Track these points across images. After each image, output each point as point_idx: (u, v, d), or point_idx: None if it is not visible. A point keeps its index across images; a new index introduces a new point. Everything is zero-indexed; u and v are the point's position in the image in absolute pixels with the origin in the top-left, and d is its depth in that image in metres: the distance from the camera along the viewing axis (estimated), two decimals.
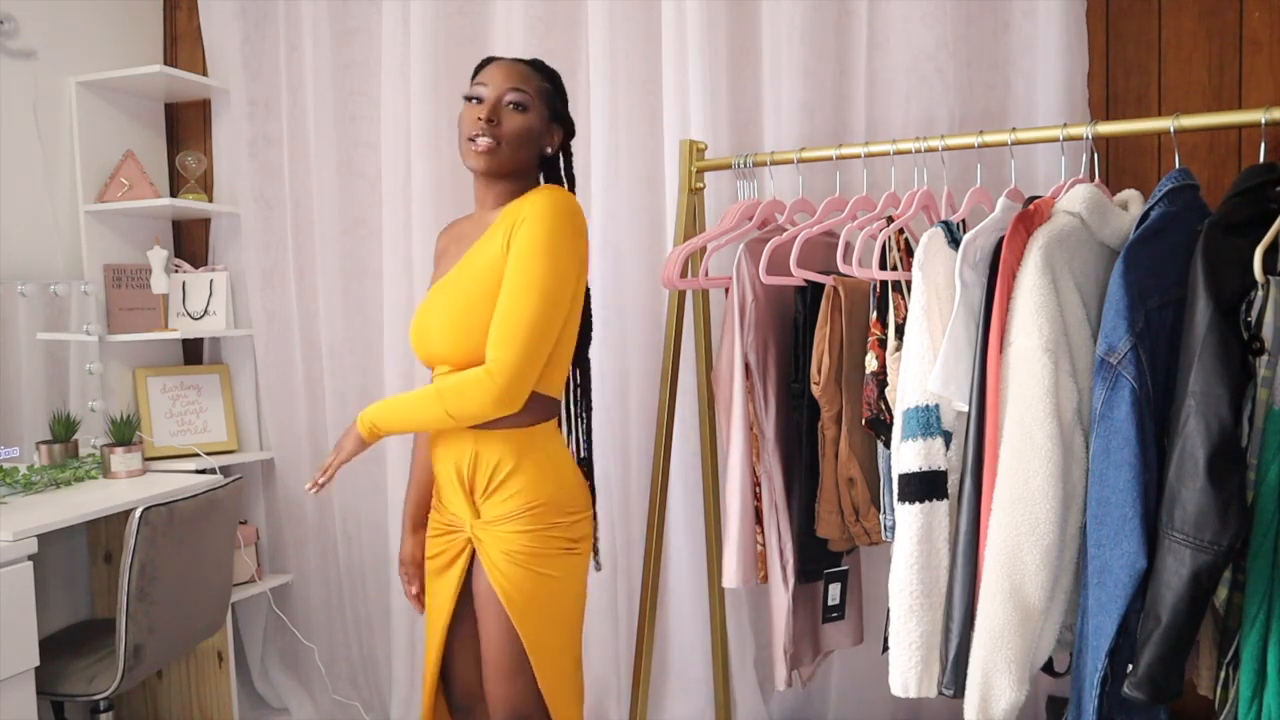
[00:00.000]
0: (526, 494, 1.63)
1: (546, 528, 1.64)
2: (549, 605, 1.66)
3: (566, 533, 1.67)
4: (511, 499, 1.63)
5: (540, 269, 1.55)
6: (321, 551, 3.00)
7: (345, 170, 2.87)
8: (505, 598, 1.62)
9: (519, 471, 1.63)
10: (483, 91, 1.66)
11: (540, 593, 1.64)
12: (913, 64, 2.32)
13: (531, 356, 1.55)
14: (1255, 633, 1.40)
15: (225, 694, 2.66)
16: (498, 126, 1.63)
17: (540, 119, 1.69)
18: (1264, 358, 1.40)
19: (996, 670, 1.52)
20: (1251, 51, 2.15)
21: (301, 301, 2.95)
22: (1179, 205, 1.54)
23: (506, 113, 1.65)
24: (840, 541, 1.96)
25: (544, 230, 1.56)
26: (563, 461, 1.71)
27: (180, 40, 3.11)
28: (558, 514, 1.66)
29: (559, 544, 1.66)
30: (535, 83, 1.69)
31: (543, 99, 1.70)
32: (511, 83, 1.66)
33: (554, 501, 1.65)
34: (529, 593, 1.63)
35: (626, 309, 2.57)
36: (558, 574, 1.66)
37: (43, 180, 2.72)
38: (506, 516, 1.63)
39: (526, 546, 1.63)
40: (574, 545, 1.69)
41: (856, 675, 2.48)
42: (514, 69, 1.69)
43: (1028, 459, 1.50)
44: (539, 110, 1.68)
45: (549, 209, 1.57)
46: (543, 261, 1.55)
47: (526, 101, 1.66)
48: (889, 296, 1.83)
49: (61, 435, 2.58)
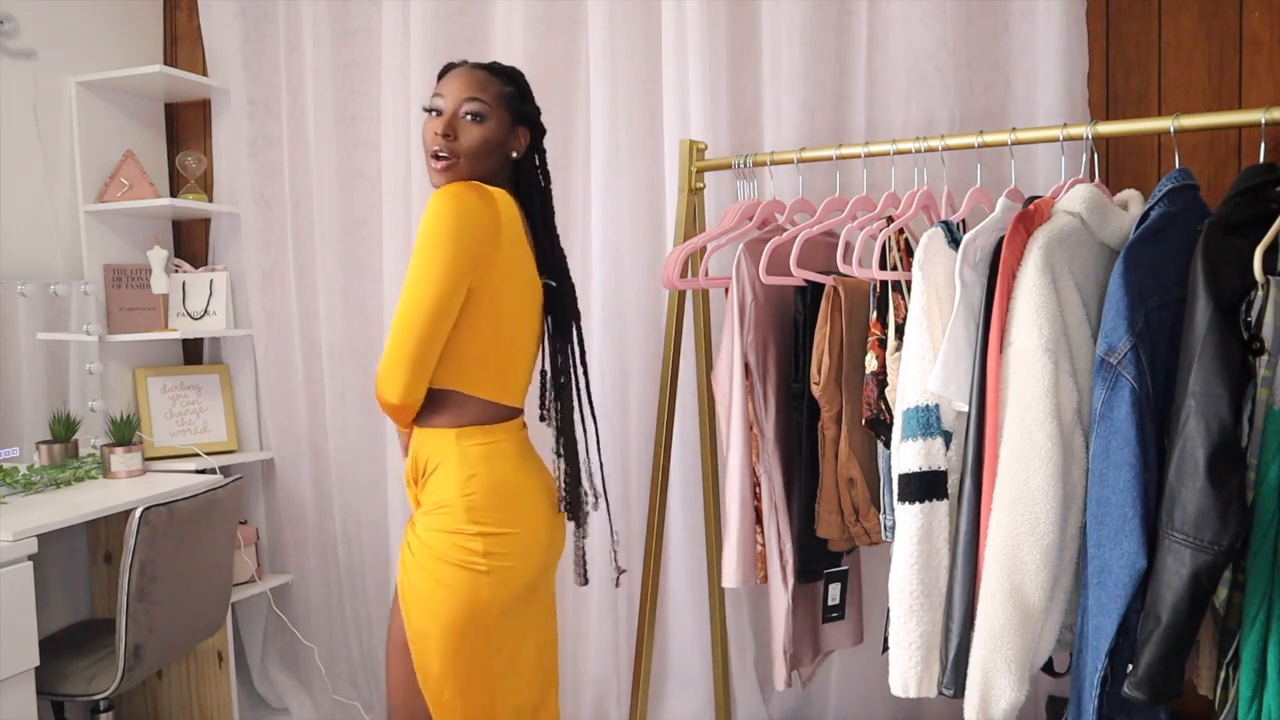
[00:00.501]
0: (440, 490, 1.63)
1: (450, 531, 1.60)
2: (436, 613, 1.60)
3: (469, 544, 1.59)
4: (431, 493, 1.65)
5: (412, 267, 1.56)
6: (321, 551, 3.00)
7: (345, 170, 2.87)
8: (401, 589, 1.65)
9: (439, 470, 1.64)
10: (440, 104, 1.65)
11: (424, 594, 1.61)
12: (913, 64, 2.32)
13: (396, 349, 1.57)
14: (1255, 633, 1.40)
15: (225, 694, 2.65)
16: (454, 141, 1.62)
17: (501, 126, 1.66)
18: (1264, 358, 1.40)
19: (996, 670, 1.52)
20: (1251, 51, 2.15)
21: (301, 301, 2.95)
22: (1179, 205, 1.54)
23: (463, 125, 1.62)
24: (840, 541, 1.96)
25: (421, 231, 1.56)
26: (489, 471, 1.63)
27: (180, 40, 3.11)
28: (464, 521, 1.60)
29: (457, 554, 1.60)
30: (494, 89, 1.66)
31: (503, 104, 1.66)
32: (468, 92, 1.63)
33: (463, 507, 1.60)
34: (416, 588, 1.62)
35: (626, 309, 2.58)
36: (450, 584, 1.60)
37: (43, 180, 2.72)
38: (425, 509, 1.66)
39: (427, 542, 1.62)
40: (473, 561, 1.59)
41: (856, 675, 2.48)
42: (470, 77, 1.65)
43: (1028, 459, 1.50)
44: (499, 117, 1.65)
45: (428, 210, 1.56)
46: (415, 260, 1.56)
47: (484, 111, 1.63)
48: (889, 296, 1.83)
49: (61, 435, 2.58)
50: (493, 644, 1.63)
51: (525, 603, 1.68)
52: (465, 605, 1.60)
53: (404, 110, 2.71)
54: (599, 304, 2.57)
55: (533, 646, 1.72)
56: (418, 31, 2.65)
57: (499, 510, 1.63)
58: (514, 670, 1.67)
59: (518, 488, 1.67)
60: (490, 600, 1.61)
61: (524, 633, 1.69)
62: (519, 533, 1.65)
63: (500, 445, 1.66)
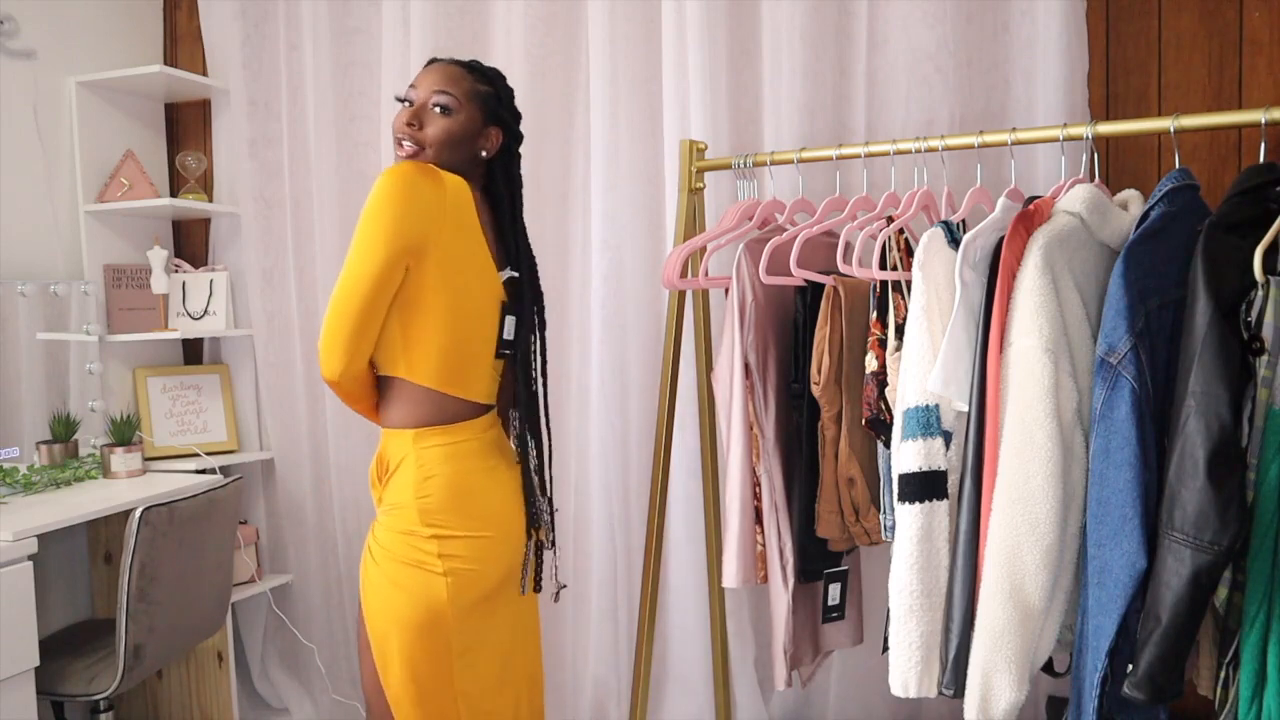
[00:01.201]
0: (397, 490, 1.63)
1: (403, 530, 1.60)
2: (389, 612, 1.60)
3: (423, 545, 1.58)
4: (390, 492, 1.65)
5: (353, 243, 1.56)
6: (321, 551, 3.00)
7: (345, 170, 2.87)
8: (361, 585, 1.66)
9: (399, 470, 1.64)
10: (412, 95, 1.65)
11: (386, 598, 1.61)
12: (913, 64, 2.32)
13: (332, 322, 1.58)
14: (1255, 633, 1.40)
15: (225, 694, 2.65)
16: (419, 130, 1.62)
17: (470, 121, 1.65)
18: (1264, 358, 1.40)
19: (996, 670, 1.52)
20: (1251, 51, 2.15)
21: (301, 301, 2.95)
22: (1179, 205, 1.54)
23: (431, 116, 1.63)
24: (840, 541, 1.96)
25: (365, 206, 1.56)
26: (448, 472, 1.61)
27: (180, 40, 3.11)
28: (417, 521, 1.59)
29: (411, 554, 1.59)
30: (467, 85, 1.65)
31: (474, 101, 1.65)
32: (439, 85, 1.63)
33: (418, 507, 1.59)
34: (374, 589, 1.63)
35: (626, 309, 2.58)
36: (404, 583, 1.59)
37: (43, 180, 2.72)
38: (382, 510, 1.66)
39: (380, 540, 1.63)
40: (427, 561, 1.58)
41: (856, 675, 2.48)
42: (446, 71, 1.66)
43: (1028, 459, 1.50)
44: (469, 112, 1.64)
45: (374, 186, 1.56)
46: (355, 235, 1.56)
47: (453, 104, 1.63)
48: (889, 296, 1.83)
49: (61, 435, 2.58)
50: (452, 647, 1.61)
51: (490, 605, 1.66)
52: (422, 606, 1.59)
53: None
54: (599, 304, 2.57)
55: (495, 652, 1.69)
56: (418, 31, 2.65)
57: (456, 513, 1.61)
58: (474, 674, 1.65)
59: (481, 490, 1.64)
60: (448, 602, 1.59)
61: (486, 635, 1.67)
62: (481, 536, 1.62)
63: (462, 446, 1.63)
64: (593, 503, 2.64)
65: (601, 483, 2.62)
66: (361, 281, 1.55)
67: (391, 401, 1.65)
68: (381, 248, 1.53)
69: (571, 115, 2.63)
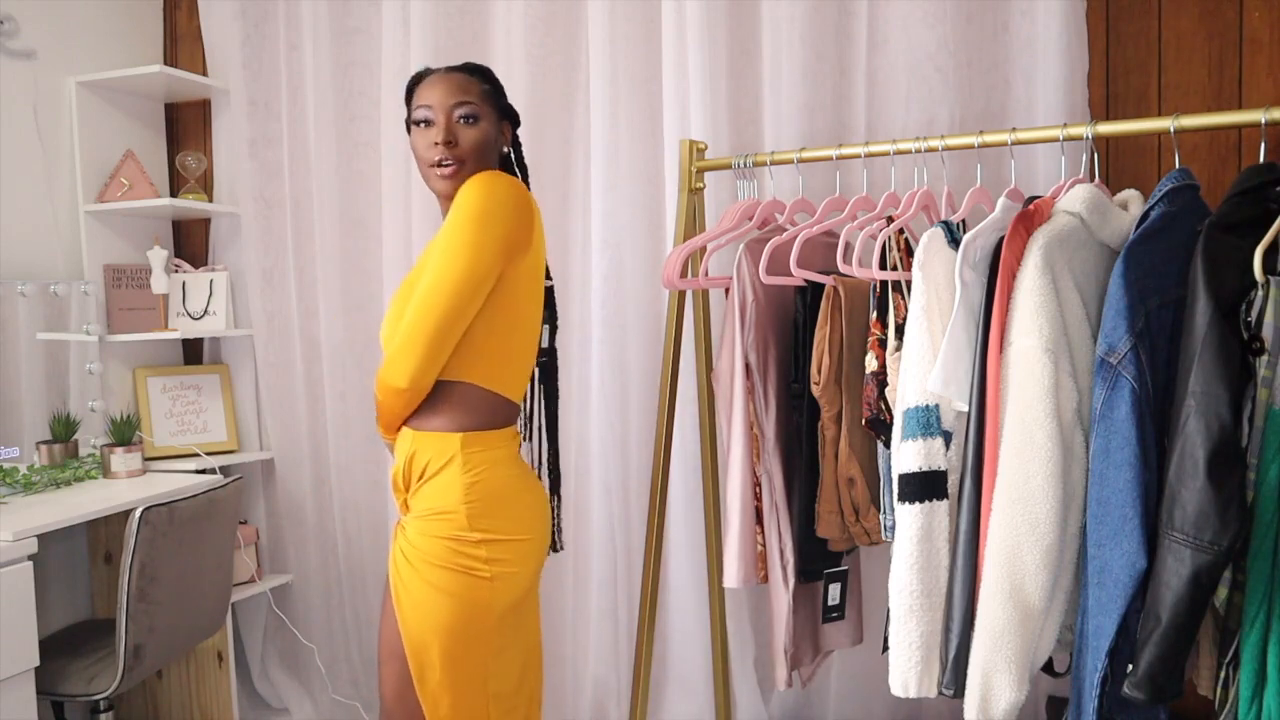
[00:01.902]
0: (438, 497, 1.59)
1: (448, 538, 1.57)
2: (433, 620, 1.57)
3: (472, 550, 1.57)
4: (426, 499, 1.60)
5: (444, 248, 1.53)
6: (321, 551, 3.00)
7: (345, 170, 2.87)
8: (395, 594, 1.61)
9: (441, 474, 1.59)
10: (428, 114, 1.62)
11: (427, 604, 1.57)
12: (913, 64, 2.32)
13: (415, 328, 1.52)
14: (1255, 633, 1.40)
15: (225, 694, 2.65)
16: (456, 146, 1.60)
17: (491, 123, 1.65)
18: (1264, 358, 1.40)
19: (996, 670, 1.52)
20: (1251, 51, 2.15)
21: (301, 301, 2.95)
22: (1179, 205, 1.54)
23: (460, 129, 1.61)
24: (840, 541, 1.96)
25: (457, 212, 1.54)
26: (492, 477, 1.61)
27: (180, 40, 3.11)
28: (464, 528, 1.57)
29: (460, 560, 1.57)
30: (477, 89, 1.65)
31: (488, 102, 1.65)
32: (456, 97, 1.62)
33: (461, 513, 1.57)
34: (415, 598, 1.58)
35: (626, 309, 2.58)
36: (454, 590, 1.57)
37: (43, 180, 2.72)
38: (418, 514, 1.61)
39: (422, 549, 1.58)
40: (477, 567, 1.58)
41: (856, 675, 2.48)
42: (453, 80, 1.64)
43: (1028, 459, 1.50)
44: (488, 115, 1.64)
45: (467, 192, 1.54)
46: (447, 240, 1.53)
47: (476, 112, 1.62)
48: (889, 296, 1.83)
49: (61, 435, 2.58)
50: (490, 649, 1.62)
51: (521, 606, 1.68)
52: (467, 611, 1.58)
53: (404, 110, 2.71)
54: (599, 304, 2.57)
55: (519, 651, 1.70)
56: (418, 31, 2.65)
57: (501, 517, 1.61)
58: (505, 675, 1.66)
59: (517, 493, 1.65)
60: (489, 605, 1.60)
61: (516, 636, 1.68)
62: (521, 540, 1.63)
63: (503, 450, 1.65)
64: (593, 503, 2.64)
65: (601, 483, 2.62)
66: (452, 289, 1.52)
67: (442, 405, 1.61)
68: (477, 256, 1.52)
69: (571, 115, 2.63)
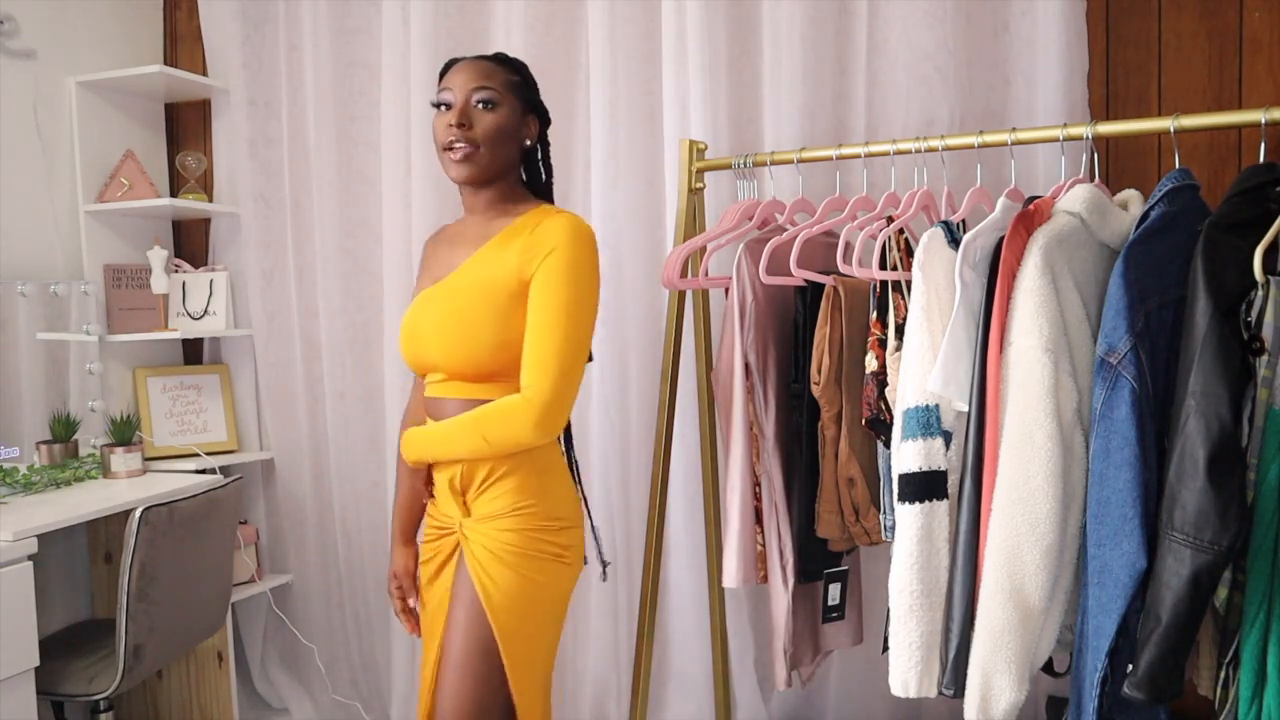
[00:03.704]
0: (515, 494, 1.61)
1: (534, 529, 1.61)
2: (529, 609, 1.62)
3: (555, 538, 1.64)
4: (501, 497, 1.61)
5: (570, 296, 1.55)
6: (321, 551, 3.00)
7: (345, 170, 2.87)
8: (484, 594, 1.59)
9: (510, 475, 1.61)
10: (449, 97, 1.63)
11: (521, 595, 1.60)
12: (913, 64, 2.32)
13: (568, 382, 1.56)
14: (1255, 633, 1.40)
15: (225, 694, 2.65)
16: (470, 129, 1.60)
17: (513, 112, 1.65)
18: (1264, 358, 1.40)
19: (996, 670, 1.52)
20: (1251, 51, 2.15)
21: (301, 301, 2.95)
22: (1179, 205, 1.54)
23: (477, 113, 1.61)
24: (840, 541, 1.96)
25: (570, 259, 1.56)
26: (556, 470, 1.69)
27: (180, 40, 3.11)
28: (545, 518, 1.63)
29: (547, 548, 1.63)
30: (501, 77, 1.64)
31: (512, 92, 1.65)
32: (477, 81, 1.61)
33: (543, 505, 1.63)
34: (510, 592, 1.59)
35: (626, 309, 2.58)
36: (542, 579, 1.62)
37: (43, 180, 2.72)
38: (494, 514, 1.61)
39: (512, 544, 1.60)
40: (562, 553, 1.65)
41: (856, 675, 2.48)
42: (477, 67, 1.64)
43: (1028, 459, 1.50)
44: (510, 104, 1.64)
45: (573, 237, 1.58)
46: (571, 289, 1.56)
47: (495, 98, 1.62)
48: (889, 296, 1.83)
49: (61, 435, 2.58)
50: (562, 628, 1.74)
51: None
52: (558, 597, 1.68)
53: (404, 110, 2.71)
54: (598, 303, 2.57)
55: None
56: (418, 31, 2.65)
57: (567, 504, 1.69)
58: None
59: (570, 484, 1.74)
60: (570, 588, 1.70)
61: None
62: (578, 526, 1.72)
63: (556, 447, 1.73)
64: (593, 503, 2.63)
65: (601, 483, 2.62)
66: (586, 338, 1.60)
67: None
68: (597, 303, 1.62)
69: (571, 115, 2.63)
